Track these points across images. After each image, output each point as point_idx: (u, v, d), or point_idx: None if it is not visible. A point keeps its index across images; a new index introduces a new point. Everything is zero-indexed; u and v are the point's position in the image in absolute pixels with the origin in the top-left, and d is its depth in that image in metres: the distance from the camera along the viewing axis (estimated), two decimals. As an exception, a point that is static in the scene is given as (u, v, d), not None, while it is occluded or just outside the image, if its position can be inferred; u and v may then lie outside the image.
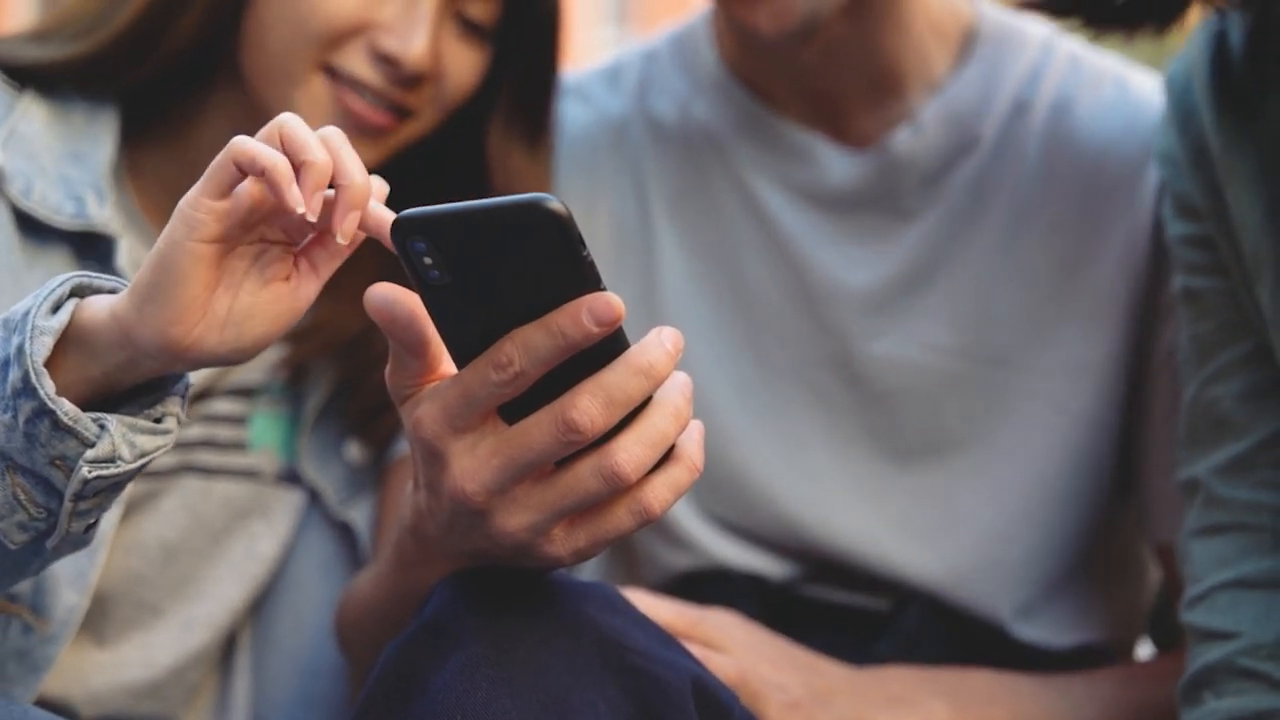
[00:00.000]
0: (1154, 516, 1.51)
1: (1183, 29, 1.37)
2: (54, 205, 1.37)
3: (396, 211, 0.98)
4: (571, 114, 1.59)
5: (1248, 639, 1.28)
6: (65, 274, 1.06)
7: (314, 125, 1.37)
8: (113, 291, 1.10)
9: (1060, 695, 1.44)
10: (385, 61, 1.38)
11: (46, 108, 1.41)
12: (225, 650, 1.50)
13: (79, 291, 1.06)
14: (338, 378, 1.50)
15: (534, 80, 1.48)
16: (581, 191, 1.56)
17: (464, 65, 1.43)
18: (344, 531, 1.51)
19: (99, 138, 1.41)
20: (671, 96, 1.58)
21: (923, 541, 1.50)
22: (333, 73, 1.39)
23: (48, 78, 1.42)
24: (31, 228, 1.37)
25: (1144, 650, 1.65)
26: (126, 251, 1.39)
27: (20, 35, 1.44)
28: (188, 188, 1.44)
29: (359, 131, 1.39)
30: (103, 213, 1.38)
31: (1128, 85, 1.54)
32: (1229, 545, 1.32)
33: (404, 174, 1.47)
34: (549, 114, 1.50)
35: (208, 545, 1.47)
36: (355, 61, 1.39)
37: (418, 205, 0.97)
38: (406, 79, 1.39)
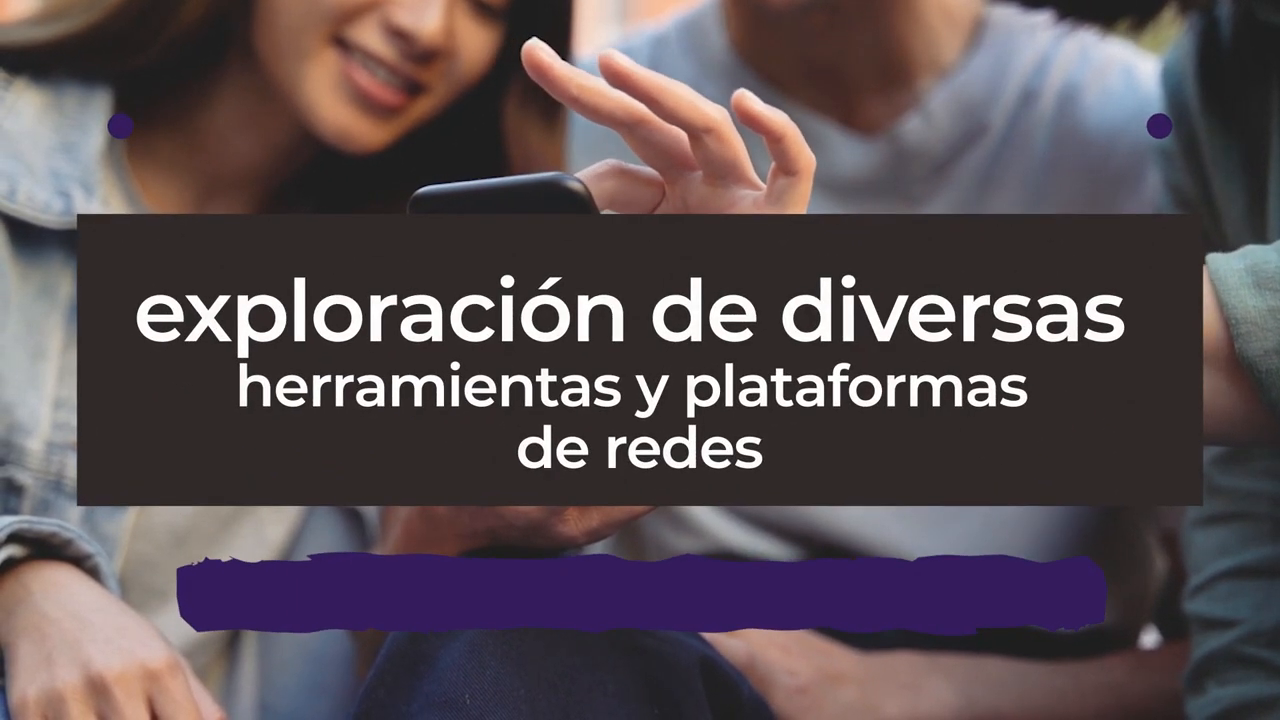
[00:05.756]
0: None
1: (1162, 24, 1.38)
2: (41, 204, 1.37)
3: (412, 191, 0.99)
4: (582, 97, 1.59)
5: (1247, 627, 1.29)
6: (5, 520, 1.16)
7: (324, 102, 1.39)
8: (52, 535, 1.17)
9: (1070, 683, 1.44)
10: (399, 36, 1.39)
11: (40, 95, 1.40)
12: (232, 636, 1.50)
13: (18, 538, 1.16)
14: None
15: None
16: (593, 175, 1.56)
17: (476, 44, 1.43)
18: (353, 518, 1.51)
19: (89, 125, 1.40)
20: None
21: (929, 527, 1.50)
22: (345, 47, 1.39)
23: (43, 61, 1.41)
24: (23, 232, 1.37)
25: (1149, 639, 1.66)
26: None
27: (21, 20, 1.44)
28: (194, 169, 1.46)
29: (368, 109, 1.40)
30: (89, 208, 1.37)
31: (1135, 74, 1.54)
32: (1229, 534, 1.32)
33: (420, 154, 1.48)
34: None
35: (216, 531, 1.47)
36: (368, 36, 1.39)
37: (434, 184, 0.98)
38: (420, 54, 1.40)
